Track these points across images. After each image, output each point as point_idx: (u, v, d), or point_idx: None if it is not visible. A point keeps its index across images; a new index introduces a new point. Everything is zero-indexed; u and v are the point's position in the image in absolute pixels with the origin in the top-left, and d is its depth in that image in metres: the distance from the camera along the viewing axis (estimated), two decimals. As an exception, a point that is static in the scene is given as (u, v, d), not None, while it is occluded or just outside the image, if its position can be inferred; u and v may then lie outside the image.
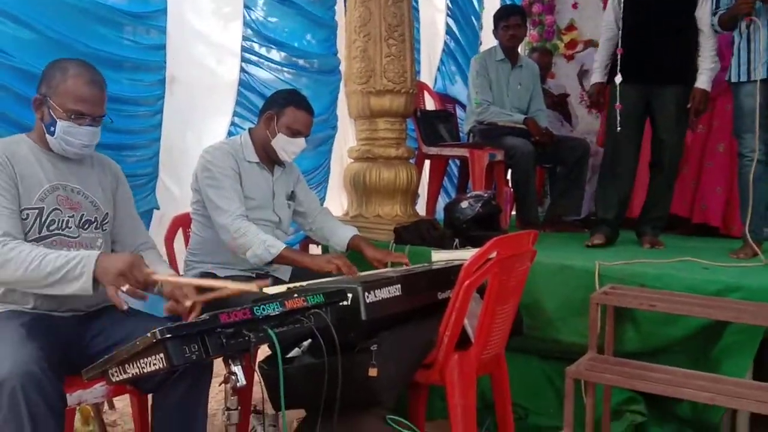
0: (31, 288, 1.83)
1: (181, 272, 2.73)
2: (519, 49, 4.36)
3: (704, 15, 3.25)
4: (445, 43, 6.19)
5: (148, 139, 3.24)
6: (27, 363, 1.62)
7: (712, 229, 4.01)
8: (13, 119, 2.56)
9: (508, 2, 6.36)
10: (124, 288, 1.73)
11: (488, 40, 6.62)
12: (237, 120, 3.89)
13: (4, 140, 1.97)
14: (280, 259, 2.50)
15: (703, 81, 3.26)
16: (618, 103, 3.15)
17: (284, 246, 2.49)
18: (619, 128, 3.24)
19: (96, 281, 1.75)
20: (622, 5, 3.35)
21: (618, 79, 3.27)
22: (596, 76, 3.52)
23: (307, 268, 2.55)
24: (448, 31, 6.21)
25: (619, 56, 3.30)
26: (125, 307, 1.81)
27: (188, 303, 1.93)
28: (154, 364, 1.41)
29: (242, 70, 3.92)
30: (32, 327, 1.78)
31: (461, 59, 6.21)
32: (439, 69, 6.19)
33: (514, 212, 4.36)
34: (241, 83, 3.93)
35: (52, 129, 1.93)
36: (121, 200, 2.19)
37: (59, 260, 1.76)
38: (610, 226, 3.40)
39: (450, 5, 6.16)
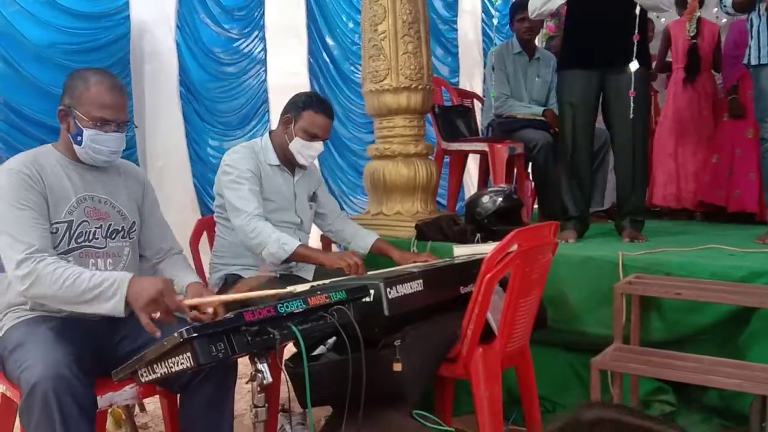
0: (63, 305, 1.83)
1: (207, 275, 2.77)
2: (536, 41, 4.34)
3: None
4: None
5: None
6: (58, 366, 1.65)
7: (750, 216, 3.97)
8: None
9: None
10: (156, 315, 1.75)
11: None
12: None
13: (32, 152, 1.99)
14: (295, 257, 2.51)
15: None
16: (632, 90, 2.99)
17: (299, 243, 2.50)
18: (632, 115, 3.03)
19: (127, 304, 1.77)
20: None
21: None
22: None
23: (320, 265, 2.58)
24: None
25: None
26: (158, 334, 1.76)
27: (210, 311, 1.96)
28: (181, 363, 1.44)
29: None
30: (62, 330, 1.81)
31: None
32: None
33: (536, 205, 4.35)
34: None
35: (79, 138, 1.95)
36: (149, 207, 2.22)
37: (94, 279, 1.78)
38: (580, 221, 3.27)
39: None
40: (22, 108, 4.20)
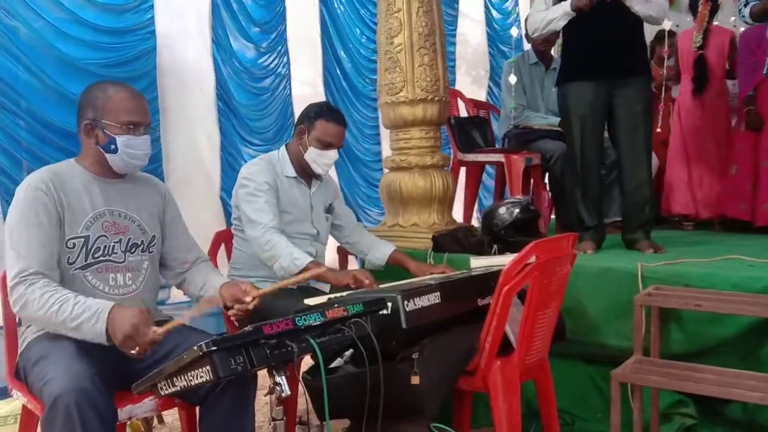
0: (53, 329, 1.86)
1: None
2: (552, 52, 4.34)
3: None
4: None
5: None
6: (80, 379, 1.67)
7: None
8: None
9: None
10: (133, 351, 1.76)
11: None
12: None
13: (53, 168, 2.01)
14: (305, 272, 2.51)
15: None
16: (661, 104, 3.02)
17: (310, 259, 2.51)
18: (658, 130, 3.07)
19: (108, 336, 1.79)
20: None
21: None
22: None
23: (327, 282, 2.59)
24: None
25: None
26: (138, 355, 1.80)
27: (249, 299, 2.01)
28: (201, 377, 1.45)
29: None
30: (83, 344, 1.83)
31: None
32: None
33: (553, 216, 4.33)
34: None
35: (113, 147, 1.96)
36: (171, 220, 2.23)
37: (76, 309, 1.79)
38: (597, 231, 3.21)
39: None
40: (50, 119, 4.29)
